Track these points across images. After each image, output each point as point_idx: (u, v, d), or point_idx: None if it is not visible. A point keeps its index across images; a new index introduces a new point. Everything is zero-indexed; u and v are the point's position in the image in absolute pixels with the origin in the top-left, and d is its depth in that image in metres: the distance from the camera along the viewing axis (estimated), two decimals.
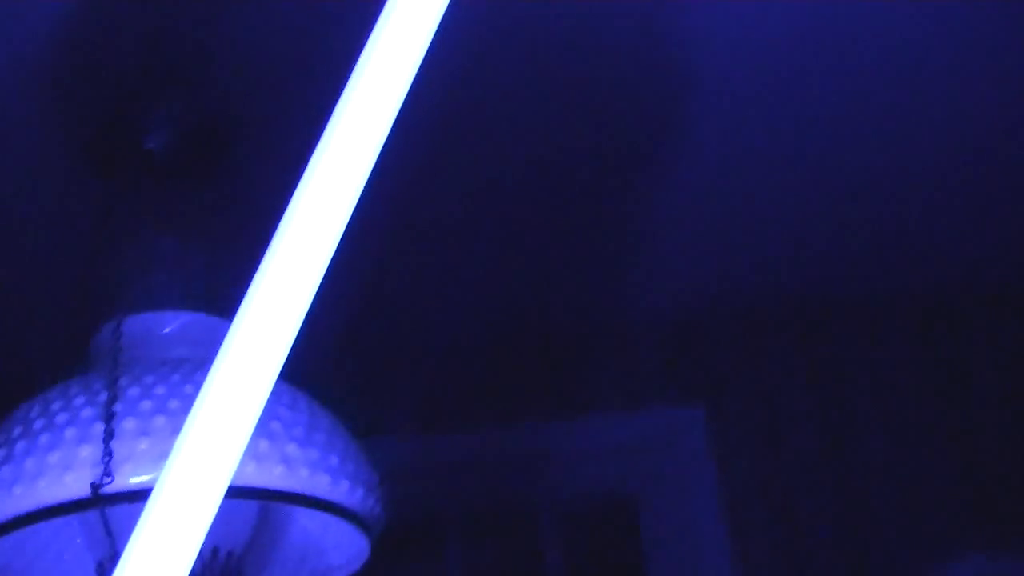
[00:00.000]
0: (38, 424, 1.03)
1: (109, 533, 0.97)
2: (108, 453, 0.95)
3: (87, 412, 1.02)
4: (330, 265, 0.68)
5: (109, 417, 0.97)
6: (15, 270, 1.69)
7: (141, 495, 0.96)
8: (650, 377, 2.31)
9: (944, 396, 2.25)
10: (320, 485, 1.01)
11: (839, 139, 1.82)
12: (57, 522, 1.03)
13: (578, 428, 2.28)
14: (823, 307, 2.29)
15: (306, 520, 1.13)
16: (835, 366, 2.30)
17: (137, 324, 1.15)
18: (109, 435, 0.95)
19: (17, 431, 1.04)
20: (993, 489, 2.17)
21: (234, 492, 1.00)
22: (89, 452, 0.98)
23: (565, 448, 2.26)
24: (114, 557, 0.97)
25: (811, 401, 2.27)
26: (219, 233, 1.34)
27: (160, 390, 1.05)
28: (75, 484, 0.96)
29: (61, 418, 1.02)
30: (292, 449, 1.01)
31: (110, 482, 0.95)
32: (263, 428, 1.02)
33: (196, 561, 0.89)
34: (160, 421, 1.02)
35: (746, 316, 2.30)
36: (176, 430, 1.01)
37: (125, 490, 0.96)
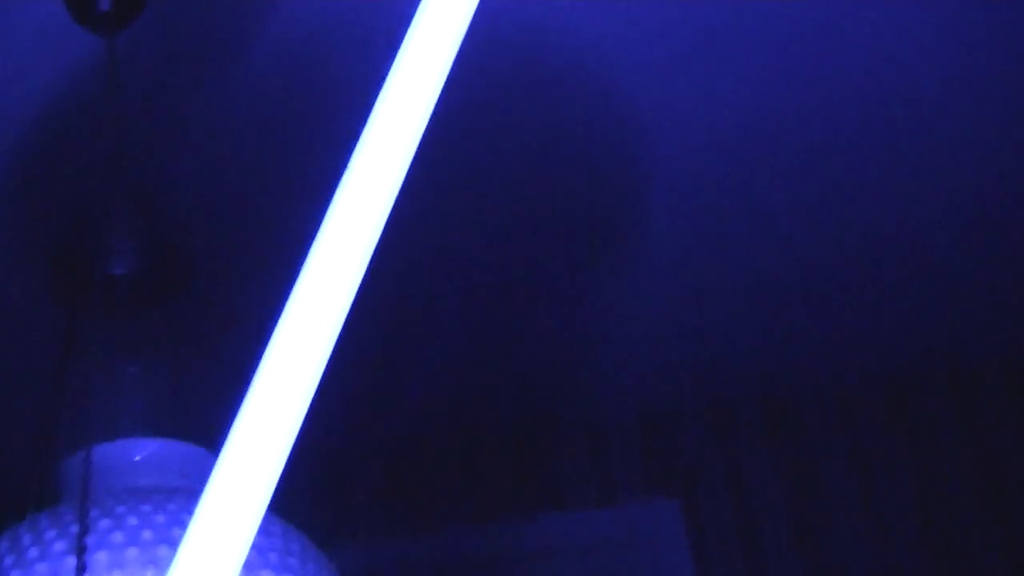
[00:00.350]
0: (8, 560, 1.02)
1: None
2: None
3: (58, 546, 1.01)
4: None
5: (81, 551, 0.96)
6: None
7: None
8: (624, 471, 2.30)
9: (917, 482, 2.26)
10: None
11: (801, 229, 1.84)
12: None
13: (554, 525, 2.26)
14: (793, 395, 2.30)
15: None
16: (807, 454, 2.30)
17: (106, 453, 1.14)
18: (81, 569, 0.94)
19: None
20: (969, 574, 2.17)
21: None
22: None
23: (541, 545, 2.24)
24: None
25: (785, 490, 2.27)
26: (185, 356, 1.34)
27: (132, 521, 1.05)
28: None
29: (32, 553, 1.01)
30: None
31: None
32: None
33: None
34: (132, 553, 1.01)
35: (717, 407, 2.30)
36: (149, 561, 1.00)
37: None
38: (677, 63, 1.47)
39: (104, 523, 1.03)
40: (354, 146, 0.55)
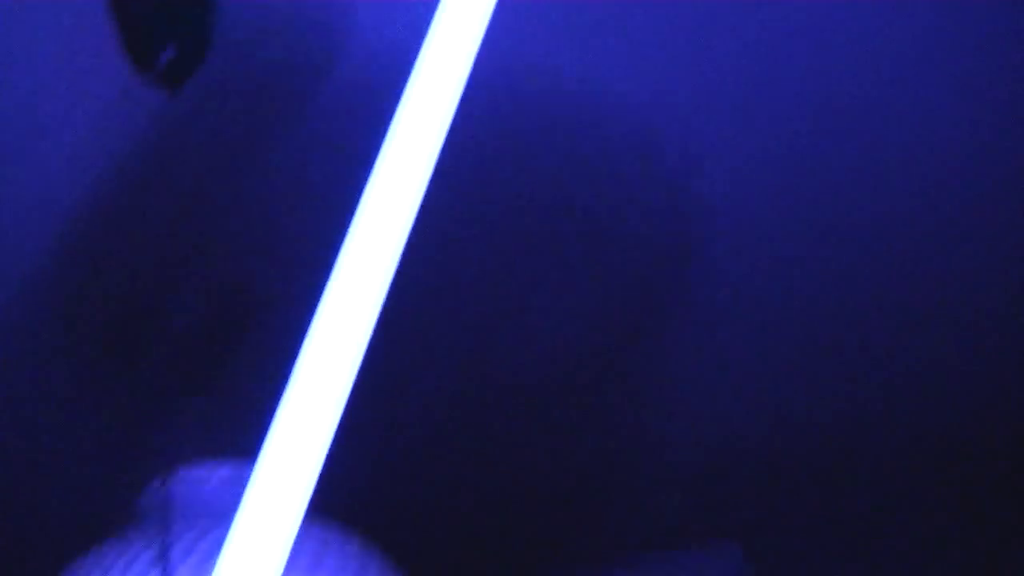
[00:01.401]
0: (94, 574, 1.04)
1: None
2: None
3: (139, 567, 1.03)
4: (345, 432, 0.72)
5: (161, 572, 0.99)
6: (56, 436, 1.71)
7: None
8: (684, 519, 2.29)
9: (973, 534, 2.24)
10: None
11: (859, 270, 1.84)
12: None
13: (615, 568, 2.25)
14: (853, 442, 2.29)
15: None
16: (867, 498, 2.29)
17: (182, 480, 1.17)
18: None
19: None
20: None
21: None
22: None
23: None
24: None
25: (846, 536, 2.26)
26: (254, 388, 1.37)
27: (207, 544, 1.07)
28: None
29: (116, 568, 1.04)
30: None
31: None
32: (316, 566, 1.03)
33: None
34: (209, 573, 1.04)
35: (782, 453, 2.29)
36: None
37: None
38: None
39: (182, 545, 1.06)
40: None
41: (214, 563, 1.04)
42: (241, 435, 1.31)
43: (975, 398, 2.23)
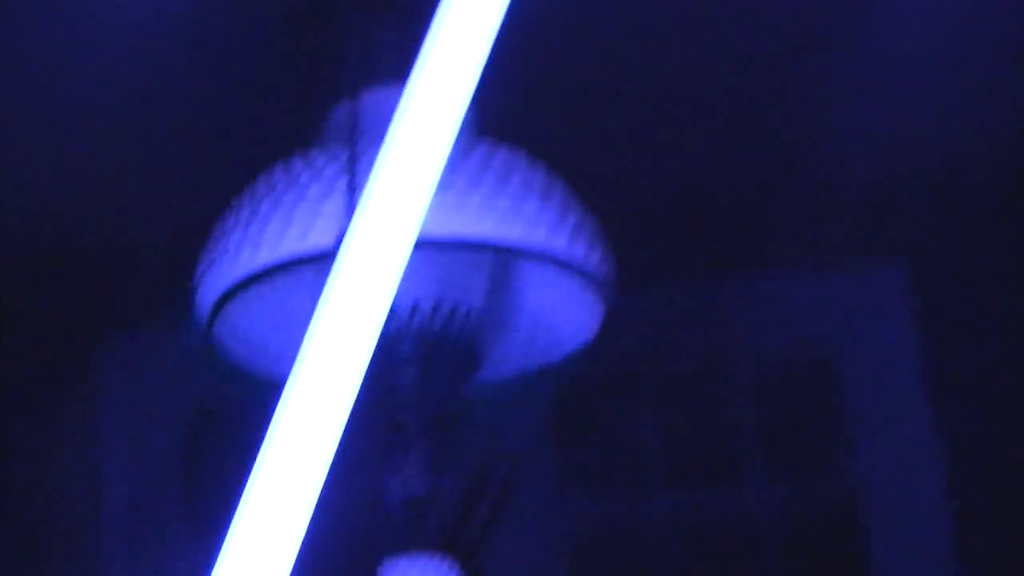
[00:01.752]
0: (283, 184, 1.06)
1: None
2: (352, 207, 0.97)
3: (329, 171, 1.04)
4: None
5: (351, 175, 1.00)
6: (254, 58, 1.74)
7: None
8: (851, 234, 2.25)
9: None
10: (558, 244, 1.02)
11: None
12: (301, 275, 1.06)
13: (777, 286, 2.23)
14: None
15: (541, 285, 1.13)
16: None
17: (369, 101, 1.16)
18: (352, 190, 0.98)
19: (263, 190, 1.08)
20: None
21: (471, 246, 1.02)
22: (333, 207, 1.00)
23: (763, 307, 2.22)
24: None
25: (1015, 260, 2.19)
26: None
27: None
28: (319, 237, 0.99)
29: (304, 177, 1.05)
30: (531, 205, 1.01)
31: None
32: (502, 184, 1.03)
33: (426, 316, 0.91)
34: None
35: (949, 173, 2.22)
36: None
37: None
38: None
39: (369, 156, 1.05)
40: None
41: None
42: None
43: None
